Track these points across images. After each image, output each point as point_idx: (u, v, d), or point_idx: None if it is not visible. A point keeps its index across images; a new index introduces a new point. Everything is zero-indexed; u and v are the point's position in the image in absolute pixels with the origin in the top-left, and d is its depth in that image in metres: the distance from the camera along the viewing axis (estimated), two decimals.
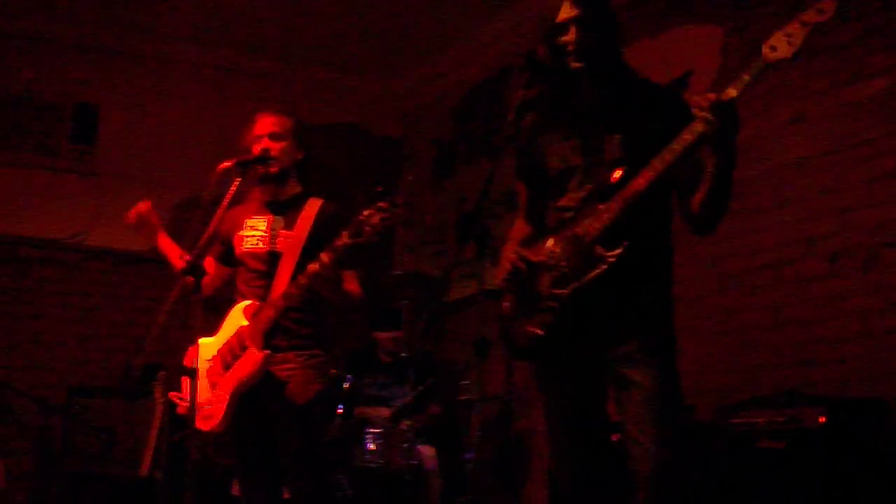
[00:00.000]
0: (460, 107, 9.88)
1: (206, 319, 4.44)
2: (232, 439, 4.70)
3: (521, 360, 3.74)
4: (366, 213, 4.17)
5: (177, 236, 4.92)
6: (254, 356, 4.48)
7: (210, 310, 4.66)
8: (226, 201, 4.46)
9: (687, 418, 5.71)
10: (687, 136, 3.22)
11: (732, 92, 3.15)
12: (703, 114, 3.16)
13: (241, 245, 4.78)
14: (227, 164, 4.54)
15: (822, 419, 4.75)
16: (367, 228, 4.14)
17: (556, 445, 3.69)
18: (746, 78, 3.15)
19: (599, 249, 3.35)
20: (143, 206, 4.92)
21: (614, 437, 3.55)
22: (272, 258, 4.67)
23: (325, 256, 4.30)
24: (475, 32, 9.30)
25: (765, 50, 3.12)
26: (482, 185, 3.66)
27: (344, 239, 4.23)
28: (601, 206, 3.40)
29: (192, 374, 4.35)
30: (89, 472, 7.37)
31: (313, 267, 4.35)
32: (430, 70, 10.23)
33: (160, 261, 4.95)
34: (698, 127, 3.19)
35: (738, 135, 3.23)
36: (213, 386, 4.60)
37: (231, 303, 4.80)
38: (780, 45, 3.11)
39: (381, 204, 4.15)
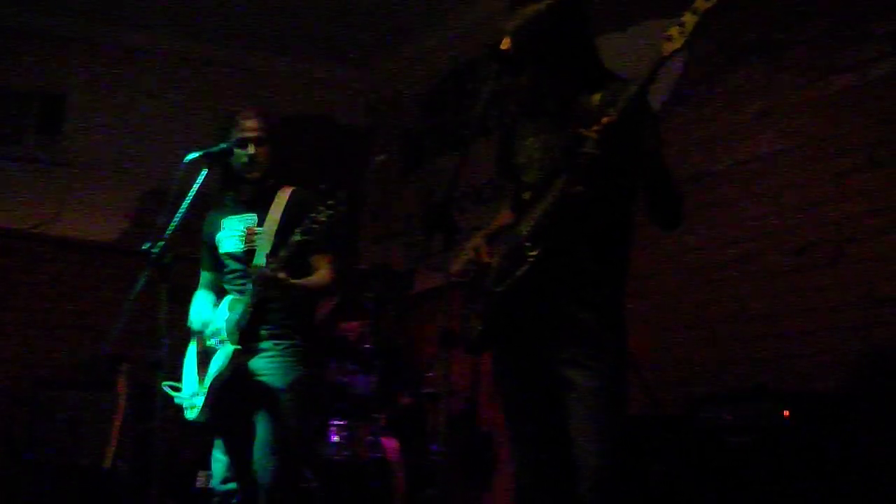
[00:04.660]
0: (428, 98, 9.86)
1: (171, 311, 4.44)
2: (207, 428, 4.72)
3: (470, 354, 3.73)
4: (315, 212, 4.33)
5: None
6: (226, 350, 4.55)
7: (175, 301, 4.66)
8: (194, 192, 4.48)
9: (654, 412, 5.74)
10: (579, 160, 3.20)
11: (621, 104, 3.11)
12: (590, 134, 3.13)
13: (221, 247, 4.87)
14: (194, 155, 4.56)
15: (787, 414, 4.77)
16: (315, 226, 4.30)
17: (515, 442, 3.67)
18: (644, 75, 3.11)
19: (526, 247, 3.33)
20: None
21: None
22: (249, 256, 4.71)
23: (271, 260, 4.47)
24: (443, 23, 9.31)
25: (663, 43, 3.08)
26: (450, 176, 3.63)
27: (296, 236, 4.36)
28: (530, 207, 3.40)
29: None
30: (54, 463, 7.34)
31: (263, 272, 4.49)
32: (398, 61, 10.22)
33: (126, 251, 4.95)
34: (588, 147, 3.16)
35: (639, 144, 3.20)
36: (199, 375, 4.68)
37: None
38: (675, 36, 3.06)
39: (327, 202, 4.31)
